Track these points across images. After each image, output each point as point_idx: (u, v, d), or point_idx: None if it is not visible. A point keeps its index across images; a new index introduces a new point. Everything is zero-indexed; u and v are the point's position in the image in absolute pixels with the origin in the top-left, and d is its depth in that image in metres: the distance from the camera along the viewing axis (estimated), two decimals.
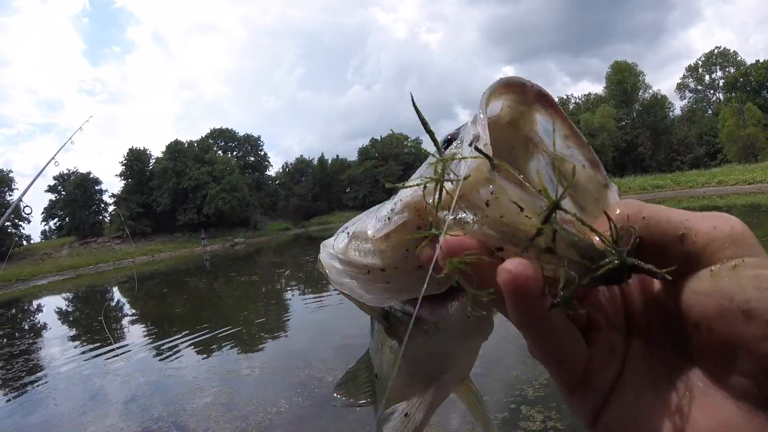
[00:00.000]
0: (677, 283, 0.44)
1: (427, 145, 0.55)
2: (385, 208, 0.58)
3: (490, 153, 0.46)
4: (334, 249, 0.64)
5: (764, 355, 0.40)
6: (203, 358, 9.54)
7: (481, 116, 0.49)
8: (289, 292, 18.15)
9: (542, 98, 0.54)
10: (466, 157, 0.48)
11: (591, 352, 0.50)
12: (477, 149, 0.46)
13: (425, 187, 0.51)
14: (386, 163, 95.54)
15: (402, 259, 0.55)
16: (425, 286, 0.49)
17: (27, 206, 6.74)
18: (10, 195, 62.28)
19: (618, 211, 0.47)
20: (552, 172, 0.55)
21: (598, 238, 0.44)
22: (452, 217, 0.47)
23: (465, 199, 0.47)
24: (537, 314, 0.45)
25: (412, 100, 0.57)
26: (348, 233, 0.64)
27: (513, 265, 0.42)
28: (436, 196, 0.49)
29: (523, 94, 0.53)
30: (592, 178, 0.52)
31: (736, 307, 0.41)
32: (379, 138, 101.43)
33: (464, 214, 0.47)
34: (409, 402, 0.78)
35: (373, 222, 0.58)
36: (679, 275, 0.44)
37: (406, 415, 0.79)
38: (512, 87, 0.53)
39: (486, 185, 0.46)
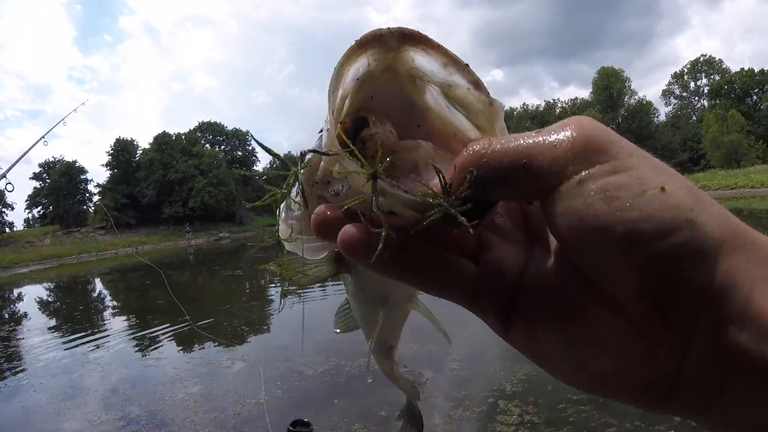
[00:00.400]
0: (543, 207, 0.45)
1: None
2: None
3: (336, 144, 0.51)
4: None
5: (630, 270, 0.40)
6: (184, 351, 9.57)
7: (332, 103, 0.54)
8: (272, 287, 18.14)
9: (407, 38, 0.55)
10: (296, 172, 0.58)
11: (478, 270, 0.52)
12: (312, 150, 0.54)
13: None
14: None
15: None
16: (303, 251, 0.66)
17: (9, 183, 6.59)
18: None
19: (463, 157, 0.48)
20: (447, 101, 0.56)
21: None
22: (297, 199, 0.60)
23: (320, 183, 0.55)
24: (375, 263, 0.48)
25: (255, 140, 0.70)
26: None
27: (344, 229, 0.48)
28: (294, 192, 0.61)
29: (384, 44, 0.54)
30: (478, 98, 0.55)
31: (588, 226, 0.41)
32: None
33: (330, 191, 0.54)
34: (376, 324, 0.85)
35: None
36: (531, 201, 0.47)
37: (377, 336, 0.87)
38: (368, 44, 0.55)
39: (325, 173, 0.54)
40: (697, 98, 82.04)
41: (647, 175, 0.42)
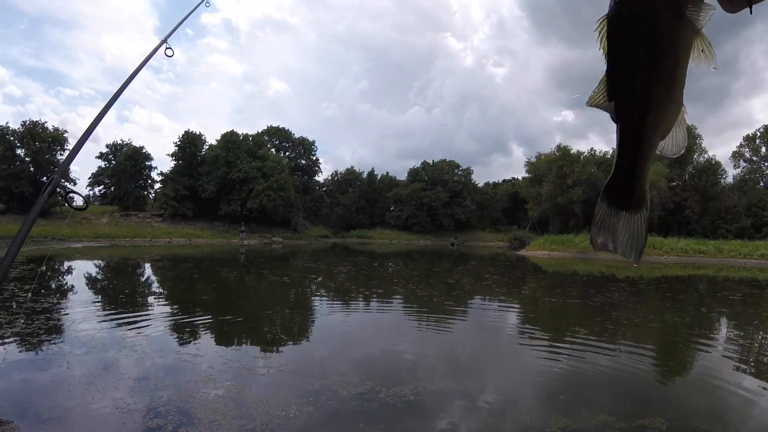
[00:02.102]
0: None
1: (476, 176, 0.57)
2: None
3: None
4: None
5: None
6: (221, 349, 9.45)
7: None
8: (317, 299, 18.05)
9: None
10: None
11: None
12: None
13: None
14: (434, 188, 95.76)
15: None
16: None
17: (169, 48, 6.72)
18: (62, 155, 63.42)
19: None
20: None
21: None
22: None
23: None
24: None
25: None
26: None
27: None
28: None
29: None
30: None
31: None
32: (431, 162, 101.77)
33: None
34: None
35: None
36: None
37: None
38: None
39: None
40: (766, 164, 79.69)
41: None
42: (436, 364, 9.26)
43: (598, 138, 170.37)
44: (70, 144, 68.40)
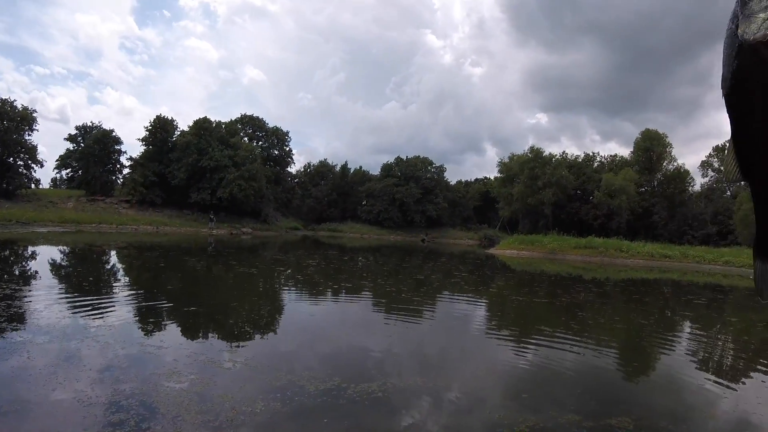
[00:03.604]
0: None
1: (449, 174, 0.56)
2: None
3: None
4: None
5: None
6: (186, 342, 9.34)
7: None
8: (285, 292, 17.95)
9: None
10: None
11: None
12: None
13: None
14: (407, 184, 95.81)
15: None
16: None
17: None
18: (29, 135, 62.26)
19: None
20: None
21: None
22: None
23: None
24: None
25: None
26: None
27: None
28: None
29: None
30: None
31: None
32: (404, 158, 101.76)
33: None
34: None
35: None
36: None
37: None
38: None
39: None
40: None
41: None
42: (404, 360, 9.25)
43: (570, 142, 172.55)
44: (39, 124, 67.25)
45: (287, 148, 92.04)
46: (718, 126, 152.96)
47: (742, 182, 1.32)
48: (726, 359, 11.47)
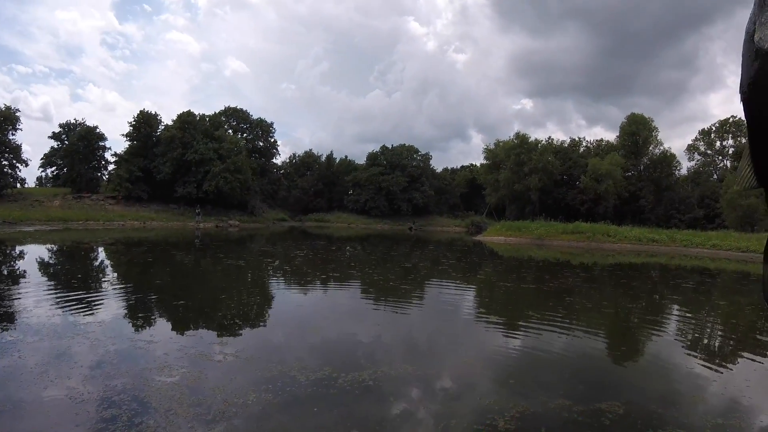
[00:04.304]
0: None
1: (435, 162, 0.56)
2: None
3: None
4: None
5: None
6: (176, 335, 9.35)
7: None
8: (274, 283, 17.97)
9: None
10: None
11: None
12: None
13: None
14: (393, 173, 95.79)
15: None
16: None
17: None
18: (13, 135, 61.81)
19: None
20: None
21: None
22: None
23: None
24: None
25: None
26: None
27: None
28: None
29: None
30: None
31: None
32: (390, 146, 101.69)
33: None
34: None
35: None
36: None
37: None
38: None
39: None
40: (720, 158, 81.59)
41: None
42: (394, 348, 9.31)
43: (556, 127, 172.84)
44: (23, 123, 66.71)
45: (272, 140, 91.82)
46: (704, 109, 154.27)
47: (756, 187, 1.28)
48: (714, 342, 11.58)
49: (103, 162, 75.92)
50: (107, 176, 75.14)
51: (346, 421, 5.74)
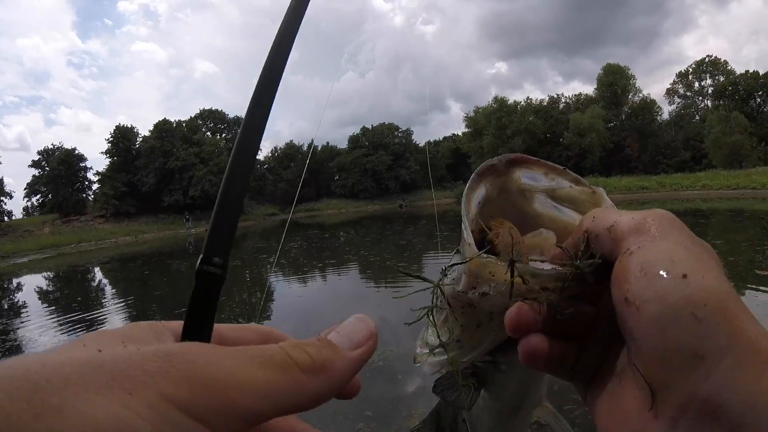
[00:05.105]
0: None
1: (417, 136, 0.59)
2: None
3: (474, 249, 0.60)
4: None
5: (645, 344, 0.43)
6: None
7: (465, 223, 0.63)
8: (272, 278, 18.01)
9: (513, 162, 0.67)
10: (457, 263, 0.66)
11: (580, 349, 0.56)
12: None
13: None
14: (376, 153, 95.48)
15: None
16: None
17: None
18: None
19: (582, 222, 0.57)
20: (554, 202, 0.69)
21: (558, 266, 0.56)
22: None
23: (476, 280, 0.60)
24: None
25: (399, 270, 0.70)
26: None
27: (518, 306, 0.53)
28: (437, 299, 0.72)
29: (496, 171, 0.67)
30: (581, 191, 0.67)
31: (622, 295, 0.45)
32: (370, 127, 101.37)
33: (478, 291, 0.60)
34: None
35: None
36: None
37: None
38: (484, 173, 0.67)
39: (469, 279, 0.61)
40: (701, 98, 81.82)
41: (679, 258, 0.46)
42: (399, 326, 9.39)
43: (533, 86, 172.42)
44: (1, 156, 66.24)
45: None
46: (679, 52, 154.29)
47: None
48: None
49: (87, 182, 75.82)
50: (93, 196, 74.89)
51: (360, 404, 5.82)
